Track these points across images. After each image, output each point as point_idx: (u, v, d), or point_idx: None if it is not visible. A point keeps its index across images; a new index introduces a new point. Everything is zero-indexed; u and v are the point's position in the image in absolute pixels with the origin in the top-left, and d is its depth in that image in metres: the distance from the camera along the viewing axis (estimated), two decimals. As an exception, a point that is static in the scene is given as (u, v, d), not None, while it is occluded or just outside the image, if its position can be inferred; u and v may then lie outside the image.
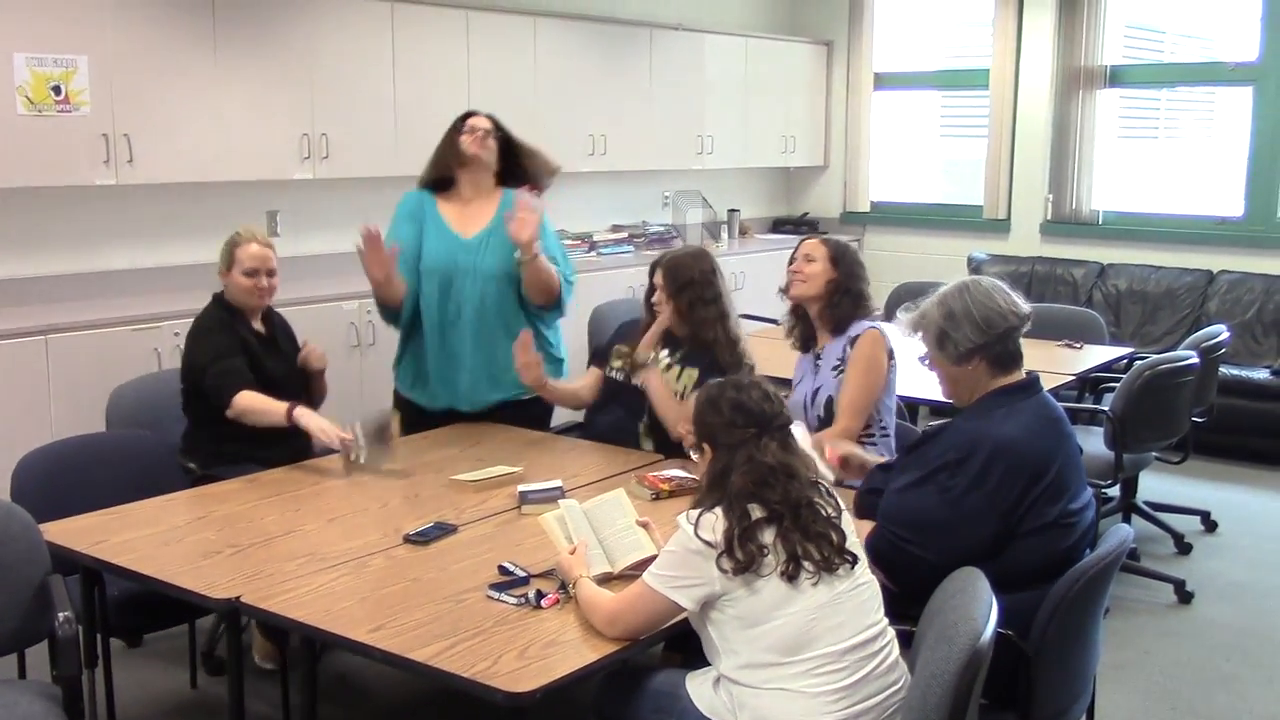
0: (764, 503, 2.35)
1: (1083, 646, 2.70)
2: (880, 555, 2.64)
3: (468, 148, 4.07)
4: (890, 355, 3.62)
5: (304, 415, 3.60)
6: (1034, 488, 2.64)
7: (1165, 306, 7.13)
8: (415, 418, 4.12)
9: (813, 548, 2.32)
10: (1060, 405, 2.86)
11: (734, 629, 2.32)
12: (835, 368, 3.65)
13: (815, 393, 3.67)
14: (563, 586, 2.60)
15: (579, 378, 4.14)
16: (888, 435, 3.63)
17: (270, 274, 3.86)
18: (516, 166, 4.19)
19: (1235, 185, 7.28)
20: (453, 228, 4.11)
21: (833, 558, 2.33)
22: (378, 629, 2.43)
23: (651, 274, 3.88)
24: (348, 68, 5.70)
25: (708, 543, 2.31)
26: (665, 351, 3.85)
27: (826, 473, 2.86)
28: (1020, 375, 2.81)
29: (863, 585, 2.39)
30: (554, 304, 4.16)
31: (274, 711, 3.56)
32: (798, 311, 3.80)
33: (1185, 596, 4.58)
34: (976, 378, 2.78)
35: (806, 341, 3.81)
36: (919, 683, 2.23)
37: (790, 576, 2.29)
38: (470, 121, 4.12)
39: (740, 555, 2.28)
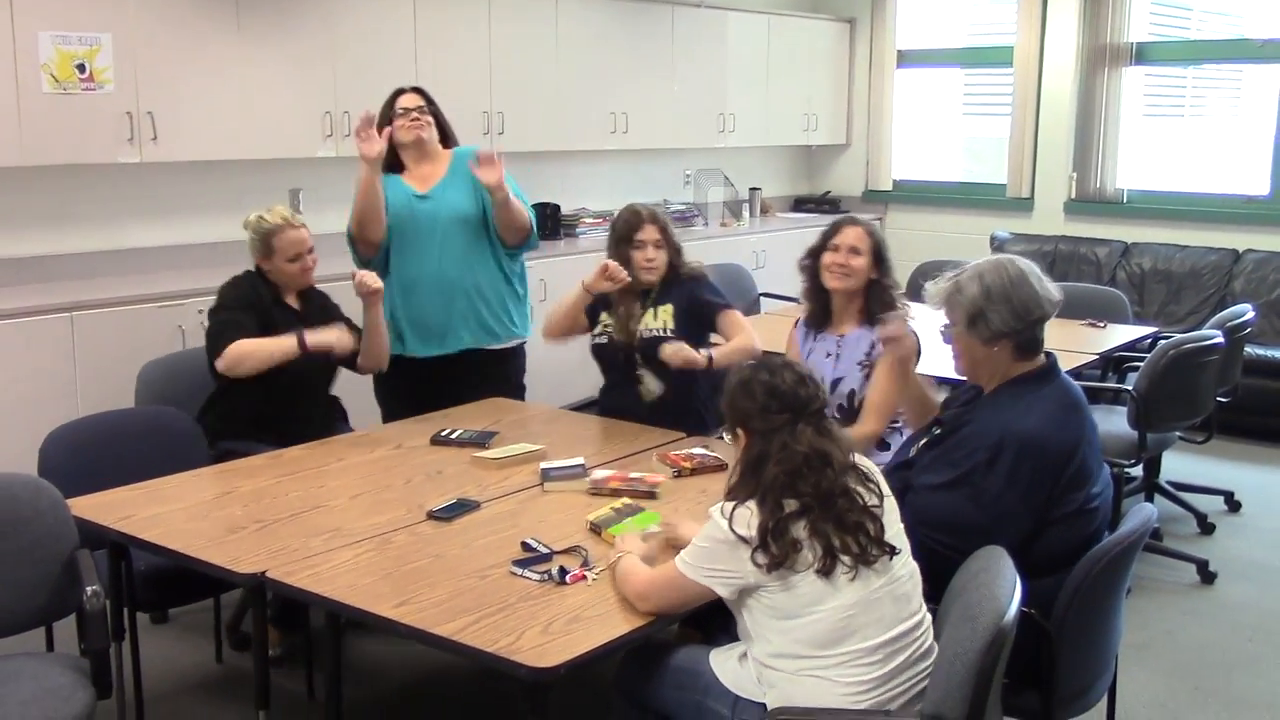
0: (796, 494, 2.29)
1: (1105, 626, 2.70)
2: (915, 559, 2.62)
3: (404, 136, 4.17)
4: (918, 358, 3.59)
5: (313, 335, 3.72)
6: (1061, 479, 2.65)
7: (1190, 286, 7.08)
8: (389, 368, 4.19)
9: (850, 540, 2.27)
10: (1081, 386, 2.84)
11: (767, 618, 2.31)
12: (861, 363, 3.59)
13: (836, 382, 3.60)
14: (586, 563, 2.62)
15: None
16: (897, 425, 3.62)
17: (311, 252, 3.91)
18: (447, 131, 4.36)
19: (1262, 164, 7.22)
20: (412, 187, 4.21)
21: (869, 549, 2.28)
22: (402, 604, 2.45)
23: (634, 229, 3.90)
24: (370, 45, 5.69)
25: (741, 537, 2.27)
26: (637, 306, 3.92)
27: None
28: (1040, 360, 2.80)
29: (902, 578, 2.34)
30: (526, 239, 4.29)
31: (298, 686, 3.60)
32: (819, 288, 3.72)
33: (1208, 577, 4.57)
34: (999, 361, 2.77)
35: (820, 320, 3.74)
36: (943, 661, 2.23)
37: (825, 572, 2.25)
38: (400, 103, 4.20)
39: (775, 550, 2.25)
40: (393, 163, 4.22)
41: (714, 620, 2.49)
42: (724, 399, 2.50)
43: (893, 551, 2.32)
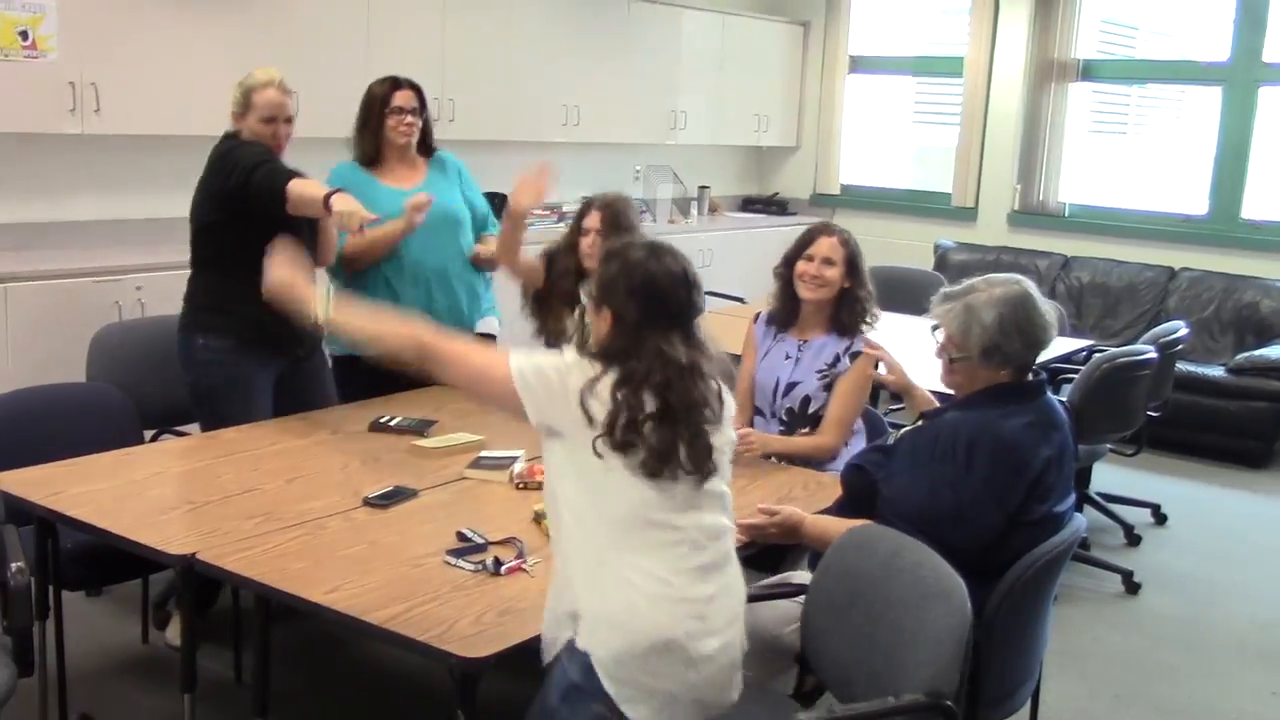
0: (664, 400, 2.19)
1: (1032, 632, 2.74)
2: None
3: (398, 137, 4.05)
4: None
5: (339, 199, 3.45)
6: (1029, 488, 2.67)
7: (1126, 300, 7.22)
8: (354, 369, 4.06)
9: (694, 454, 2.20)
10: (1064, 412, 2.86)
11: (575, 478, 2.23)
12: (821, 372, 3.57)
13: (791, 386, 3.60)
14: (521, 554, 2.61)
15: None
16: (854, 433, 3.65)
17: (288, 121, 3.72)
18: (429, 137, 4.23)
19: (1200, 184, 7.36)
20: (393, 187, 4.06)
21: (705, 465, 2.22)
22: (334, 590, 2.43)
23: (583, 215, 3.87)
24: (321, 27, 5.64)
25: (581, 394, 2.18)
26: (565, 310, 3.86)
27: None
28: (1029, 376, 2.82)
29: (714, 495, 2.29)
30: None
31: (225, 670, 3.57)
32: (792, 294, 3.67)
33: (1133, 587, 4.66)
34: (994, 378, 2.78)
35: (785, 320, 3.73)
36: (926, 640, 2.27)
37: (652, 474, 2.18)
38: (397, 100, 4.05)
39: (618, 438, 2.16)
40: (372, 156, 4.09)
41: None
42: (598, 273, 2.34)
43: (713, 471, 2.25)
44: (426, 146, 4.22)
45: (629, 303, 2.26)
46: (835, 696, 2.57)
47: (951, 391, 2.91)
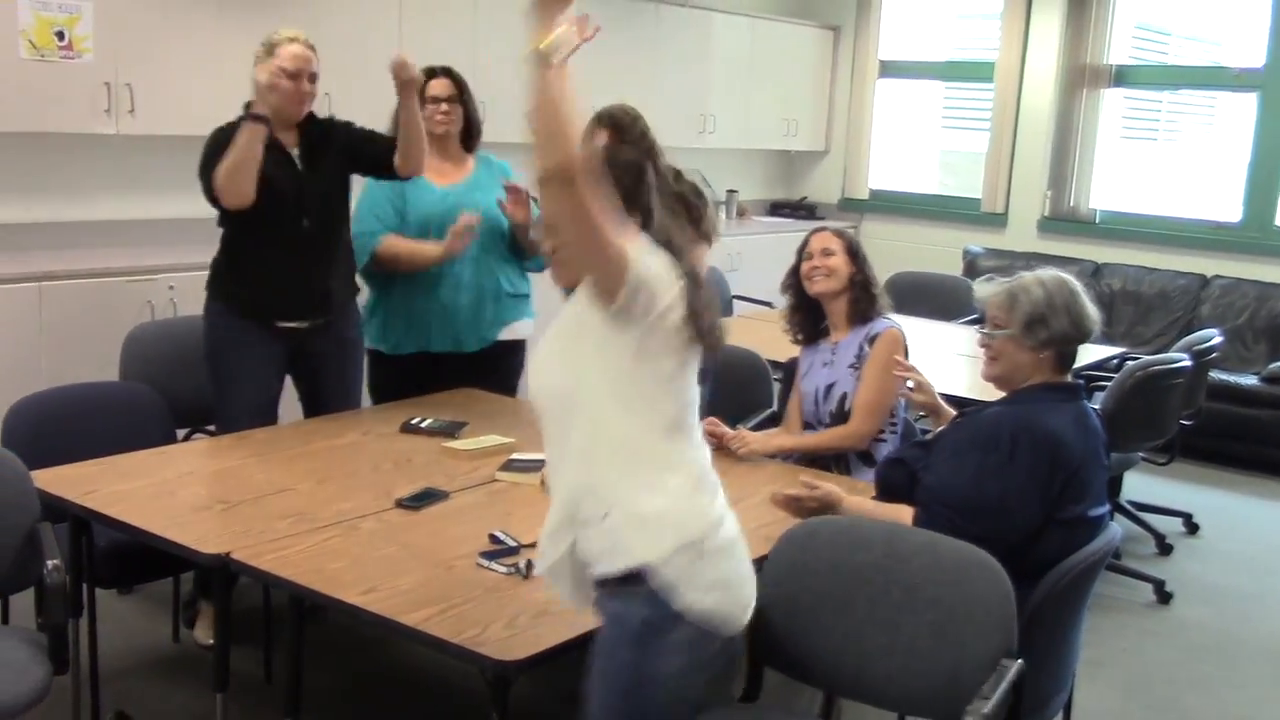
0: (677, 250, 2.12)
1: (1065, 641, 2.72)
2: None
3: (435, 128, 3.99)
4: (906, 353, 3.61)
5: (256, 104, 3.57)
6: (1067, 482, 2.67)
7: (1158, 308, 7.16)
8: (386, 366, 4.12)
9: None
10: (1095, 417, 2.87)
11: (643, 383, 2.12)
12: (852, 365, 3.59)
13: (829, 388, 3.59)
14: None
15: None
16: (896, 428, 3.63)
17: (312, 79, 3.66)
18: (474, 130, 4.19)
19: (1233, 190, 7.30)
20: (434, 183, 4.04)
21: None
22: (368, 592, 2.43)
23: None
24: (353, 29, 5.65)
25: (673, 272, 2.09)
26: None
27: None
28: (1068, 379, 2.85)
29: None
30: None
31: (256, 668, 3.58)
32: (804, 305, 3.72)
33: (1164, 597, 4.62)
34: (1037, 368, 2.79)
35: (815, 334, 3.74)
36: (991, 604, 2.34)
37: (712, 347, 2.16)
38: (432, 89, 4.01)
39: (696, 330, 2.11)
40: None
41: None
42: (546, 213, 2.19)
43: None
44: (471, 140, 4.18)
45: (620, 171, 2.21)
46: (841, 694, 2.57)
47: (991, 388, 2.91)
